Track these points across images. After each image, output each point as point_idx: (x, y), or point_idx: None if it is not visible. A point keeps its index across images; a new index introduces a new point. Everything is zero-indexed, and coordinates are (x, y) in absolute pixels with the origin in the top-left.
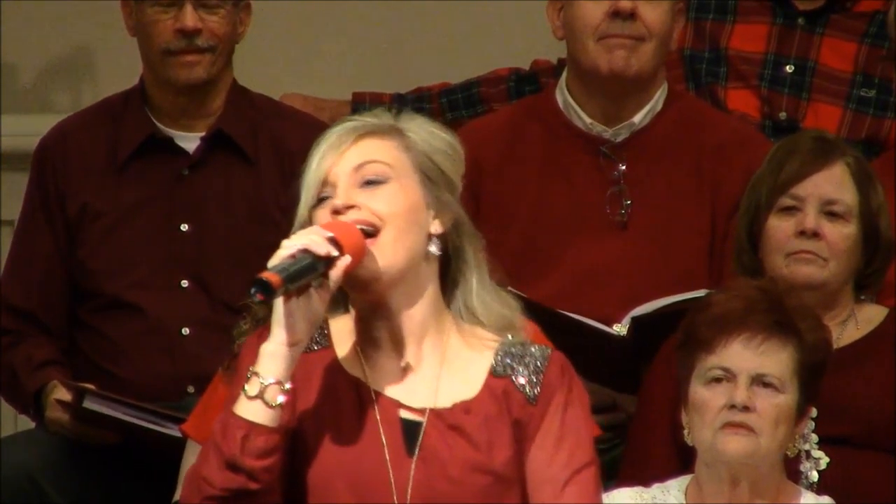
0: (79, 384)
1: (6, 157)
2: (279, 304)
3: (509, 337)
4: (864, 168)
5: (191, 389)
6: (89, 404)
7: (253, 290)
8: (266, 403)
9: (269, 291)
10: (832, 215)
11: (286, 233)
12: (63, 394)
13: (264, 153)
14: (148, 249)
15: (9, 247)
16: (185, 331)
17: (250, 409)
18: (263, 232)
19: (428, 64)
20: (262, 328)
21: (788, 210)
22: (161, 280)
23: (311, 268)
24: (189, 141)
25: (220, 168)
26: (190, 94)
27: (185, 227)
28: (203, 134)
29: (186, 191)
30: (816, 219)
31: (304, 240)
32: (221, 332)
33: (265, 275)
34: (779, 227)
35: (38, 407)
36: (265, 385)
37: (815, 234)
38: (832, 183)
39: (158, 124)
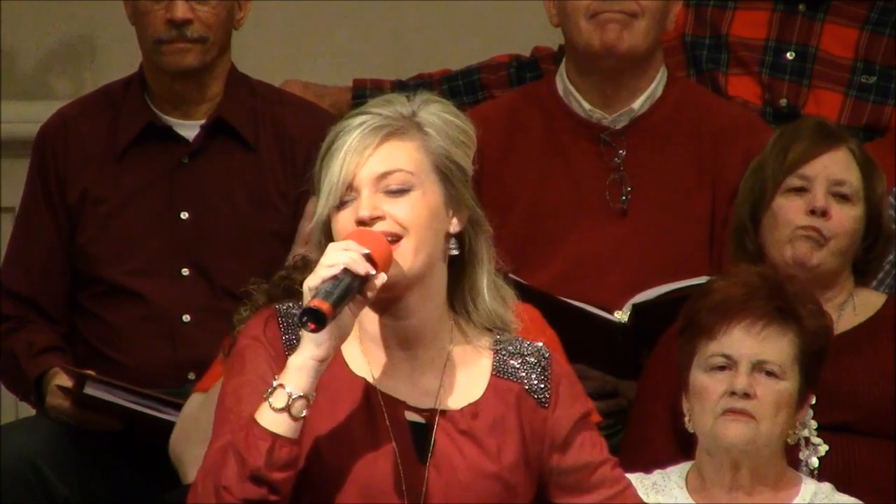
0: (80, 370)
1: (6, 143)
2: None
3: (502, 334)
4: (865, 155)
5: (191, 376)
6: (90, 390)
7: (304, 319)
8: (292, 417)
9: (321, 321)
10: (840, 196)
11: (287, 219)
12: (64, 380)
13: (265, 140)
14: (148, 237)
15: (9, 234)
16: (186, 318)
17: (275, 421)
18: (264, 218)
19: (429, 50)
20: (264, 310)
21: (797, 190)
22: (161, 267)
23: (351, 287)
24: (188, 129)
25: (220, 155)
26: (184, 81)
27: (185, 215)
28: (203, 122)
29: (186, 178)
30: (825, 198)
31: (345, 258)
32: (222, 318)
33: (315, 303)
34: (787, 206)
35: (39, 393)
36: (293, 399)
37: (824, 213)
38: (839, 164)
39: (158, 112)
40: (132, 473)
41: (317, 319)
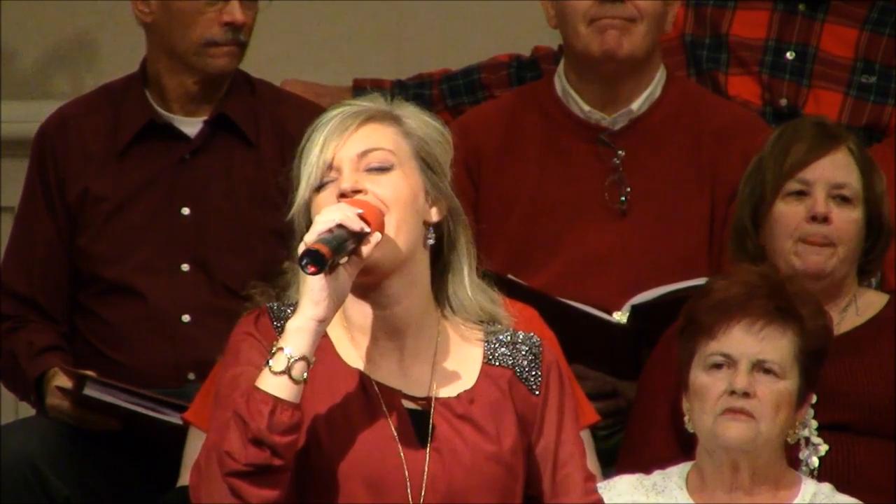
0: (79, 371)
1: (6, 143)
2: (310, 279)
3: (493, 325)
4: (865, 154)
5: (191, 376)
6: (90, 391)
7: (304, 262)
8: (292, 379)
9: (321, 262)
10: (841, 199)
11: (287, 216)
12: (64, 380)
13: (265, 137)
14: (149, 234)
15: (9, 233)
16: (186, 318)
17: (275, 385)
18: (264, 216)
19: (429, 50)
20: (257, 312)
21: (797, 194)
22: (162, 264)
23: (347, 240)
24: (189, 125)
25: (222, 152)
26: (210, 82)
27: (185, 211)
28: (205, 118)
29: (187, 175)
30: (826, 203)
31: (339, 215)
32: (222, 317)
33: (315, 245)
34: (788, 212)
35: (39, 393)
36: (293, 361)
37: (826, 219)
38: (839, 167)
39: (159, 109)
40: (132, 473)
41: (316, 261)
